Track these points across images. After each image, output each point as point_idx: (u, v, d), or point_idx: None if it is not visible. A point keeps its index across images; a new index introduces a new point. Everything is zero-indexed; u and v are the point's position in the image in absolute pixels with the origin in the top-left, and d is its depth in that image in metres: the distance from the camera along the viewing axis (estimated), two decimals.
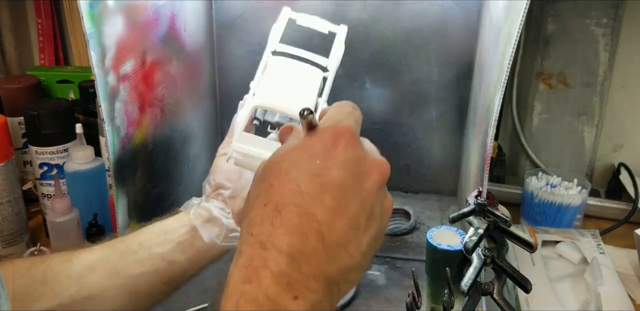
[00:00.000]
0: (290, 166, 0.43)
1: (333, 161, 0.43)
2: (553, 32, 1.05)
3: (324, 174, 0.42)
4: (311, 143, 0.44)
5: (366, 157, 0.45)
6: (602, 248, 0.92)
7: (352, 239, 0.43)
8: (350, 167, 0.43)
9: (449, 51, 0.98)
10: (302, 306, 0.40)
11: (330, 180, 0.42)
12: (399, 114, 1.03)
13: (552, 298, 0.82)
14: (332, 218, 0.41)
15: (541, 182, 1.03)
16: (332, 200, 0.42)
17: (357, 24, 0.98)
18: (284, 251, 0.40)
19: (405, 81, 1.01)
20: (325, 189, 0.42)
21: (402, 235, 0.95)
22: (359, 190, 0.43)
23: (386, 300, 0.80)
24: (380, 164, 0.45)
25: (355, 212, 0.43)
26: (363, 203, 0.43)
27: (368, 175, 0.44)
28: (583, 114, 1.09)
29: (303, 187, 0.42)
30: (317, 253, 0.41)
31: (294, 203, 0.41)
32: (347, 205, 0.42)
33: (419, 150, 1.05)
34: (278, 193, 0.42)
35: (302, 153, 0.44)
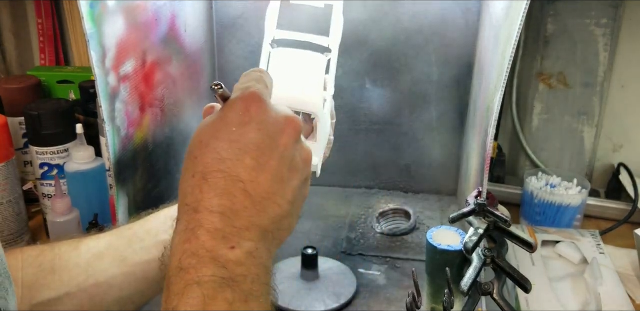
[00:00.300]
0: (209, 137, 0.47)
1: (247, 126, 0.47)
2: (553, 32, 1.05)
3: (240, 139, 0.46)
4: (225, 113, 0.48)
5: (278, 115, 0.49)
6: (601, 248, 0.92)
7: (277, 191, 0.47)
8: (264, 128, 0.47)
9: (448, 51, 0.98)
10: (239, 253, 0.44)
11: (247, 143, 0.46)
12: (399, 114, 1.03)
13: (552, 298, 0.82)
14: (254, 176, 0.46)
15: (541, 182, 1.03)
16: (251, 160, 0.46)
17: (357, 24, 0.98)
18: (215, 211, 0.44)
19: (405, 81, 1.01)
20: (244, 152, 0.46)
21: (402, 235, 0.95)
22: (276, 146, 0.48)
23: (386, 299, 0.80)
24: (292, 120, 0.49)
25: (276, 167, 0.47)
26: (282, 158, 0.48)
27: (282, 132, 0.48)
28: (583, 114, 1.09)
29: (223, 153, 0.46)
30: (246, 208, 0.45)
31: (218, 169, 0.45)
32: (267, 162, 0.47)
33: (419, 150, 1.05)
34: (202, 163, 0.46)
35: (218, 124, 0.48)
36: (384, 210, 1.00)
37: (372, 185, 1.10)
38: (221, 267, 0.43)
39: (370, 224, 0.98)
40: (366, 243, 0.93)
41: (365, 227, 0.98)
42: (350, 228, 0.97)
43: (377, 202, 1.05)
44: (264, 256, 0.46)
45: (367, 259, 0.89)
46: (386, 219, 1.00)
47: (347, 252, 0.90)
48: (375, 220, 0.99)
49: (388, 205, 1.02)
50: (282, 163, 0.48)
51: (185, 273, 0.42)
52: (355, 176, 1.09)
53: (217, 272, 0.42)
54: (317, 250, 0.82)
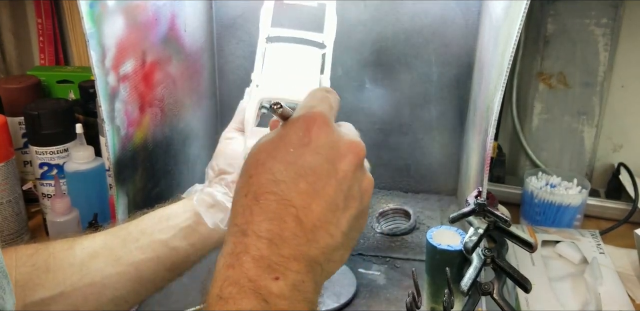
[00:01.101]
0: (266, 157, 0.45)
1: (306, 148, 0.45)
2: (553, 32, 1.05)
3: (297, 161, 0.44)
4: (285, 133, 0.46)
5: (340, 139, 0.46)
6: (601, 248, 0.92)
7: (330, 220, 0.45)
8: (323, 151, 0.45)
9: (448, 51, 0.98)
10: (283, 285, 0.42)
11: (304, 166, 0.44)
12: (399, 114, 1.03)
13: (552, 298, 0.82)
14: (308, 202, 0.44)
15: (541, 182, 1.03)
16: (307, 184, 0.44)
17: (357, 24, 0.98)
18: (263, 237, 0.42)
19: (405, 81, 1.01)
20: (299, 175, 0.44)
21: (402, 235, 0.95)
22: (334, 172, 0.45)
23: (386, 299, 0.80)
24: (356, 146, 0.47)
25: (332, 194, 0.45)
26: (340, 185, 0.45)
27: (343, 157, 0.46)
28: (583, 114, 1.09)
29: (278, 175, 0.44)
30: (296, 236, 0.43)
31: (271, 191, 0.44)
32: (323, 188, 0.44)
33: (419, 150, 1.05)
34: (256, 183, 0.44)
35: (276, 143, 0.46)
36: (384, 210, 1.00)
37: None
38: (262, 300, 0.41)
39: (370, 224, 0.98)
40: (366, 243, 0.93)
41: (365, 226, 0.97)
42: None
43: (377, 202, 1.05)
44: (309, 291, 0.44)
45: (367, 259, 0.89)
46: (386, 219, 1.00)
47: None
48: (375, 220, 0.99)
49: (388, 205, 1.02)
50: (339, 190, 0.45)
51: (224, 303, 0.41)
52: None
53: (257, 306, 0.41)
54: None
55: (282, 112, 0.46)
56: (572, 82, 1.08)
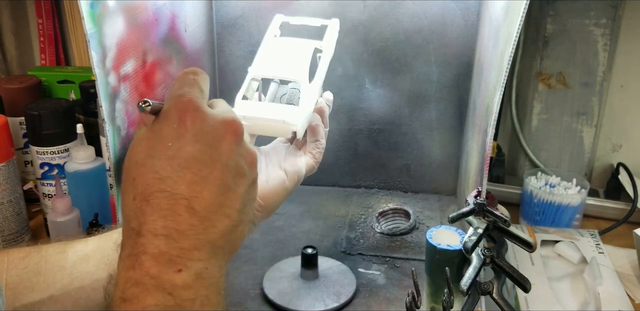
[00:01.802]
0: (144, 156, 0.45)
1: (183, 139, 0.44)
2: (552, 32, 1.05)
3: (178, 154, 0.44)
4: (159, 128, 0.45)
5: (216, 122, 0.46)
6: (601, 248, 0.92)
7: (224, 202, 0.45)
8: (202, 138, 0.45)
9: (448, 51, 0.98)
10: (186, 276, 0.42)
11: (186, 157, 0.44)
12: (399, 114, 1.03)
13: (552, 297, 0.82)
14: (198, 191, 0.44)
15: (540, 182, 1.04)
16: (193, 175, 0.44)
17: (357, 24, 0.98)
18: (160, 234, 0.42)
19: (405, 81, 1.01)
20: (184, 167, 0.44)
21: (402, 235, 0.95)
22: (217, 156, 0.45)
23: (386, 299, 0.80)
24: (232, 123, 0.47)
25: (220, 177, 0.45)
26: (226, 166, 0.45)
27: (222, 139, 0.46)
28: (582, 114, 1.09)
29: (162, 172, 0.43)
30: (193, 226, 0.43)
31: (159, 189, 0.43)
32: (210, 174, 0.44)
33: (418, 150, 1.06)
34: (141, 184, 0.44)
35: (152, 140, 0.45)
36: (383, 210, 1.01)
37: (372, 185, 1.10)
38: (167, 294, 0.41)
39: (370, 224, 0.98)
40: (366, 243, 0.93)
41: (365, 226, 0.98)
42: (350, 228, 0.97)
43: (377, 202, 1.05)
44: (215, 276, 0.44)
45: (367, 259, 0.89)
46: (386, 219, 1.00)
47: (347, 252, 0.91)
48: (375, 219, 0.99)
49: (388, 205, 1.03)
50: (227, 171, 0.45)
51: (128, 304, 0.41)
52: (355, 176, 1.10)
53: (162, 301, 0.41)
54: (317, 250, 0.82)
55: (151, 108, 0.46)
56: (572, 82, 1.08)
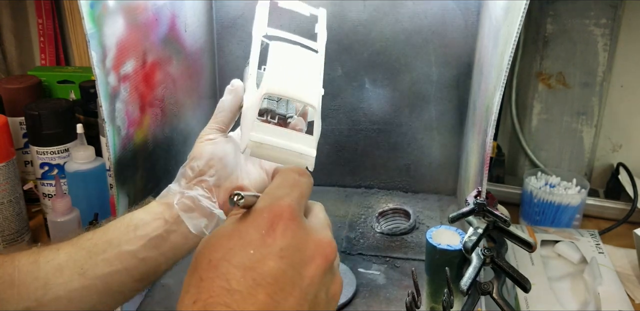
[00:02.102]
0: (220, 257, 0.39)
1: (268, 249, 0.39)
2: (552, 32, 1.05)
3: (257, 267, 0.39)
4: (245, 228, 0.41)
5: (308, 239, 0.41)
6: (601, 248, 0.92)
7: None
8: (289, 255, 0.40)
9: (448, 51, 0.98)
10: None
11: (265, 274, 0.39)
12: (399, 114, 1.03)
13: (552, 297, 0.82)
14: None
15: (540, 182, 1.04)
16: (266, 296, 0.38)
17: (357, 24, 0.98)
18: None
19: (405, 81, 1.01)
20: (258, 284, 0.38)
21: (402, 235, 0.95)
22: (299, 280, 0.40)
23: (386, 299, 0.80)
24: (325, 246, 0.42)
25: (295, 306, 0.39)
26: (304, 295, 0.40)
27: (310, 261, 0.41)
28: (582, 114, 1.09)
29: (234, 283, 0.38)
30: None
31: (224, 302, 0.38)
32: (285, 300, 0.39)
33: (418, 150, 1.06)
34: (207, 290, 0.39)
35: (234, 241, 0.40)
36: (383, 210, 1.01)
37: (372, 184, 1.10)
38: None
39: (370, 224, 0.98)
40: (366, 243, 0.93)
41: (365, 226, 0.98)
42: (350, 228, 0.97)
43: (377, 202, 1.05)
44: None
45: (366, 259, 0.89)
46: (386, 219, 1.00)
47: (347, 252, 0.91)
48: (375, 219, 0.99)
49: (388, 205, 1.03)
50: (304, 301, 0.39)
51: None
52: (355, 176, 1.10)
53: None
54: None
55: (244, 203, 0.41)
56: (572, 82, 1.08)
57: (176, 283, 0.83)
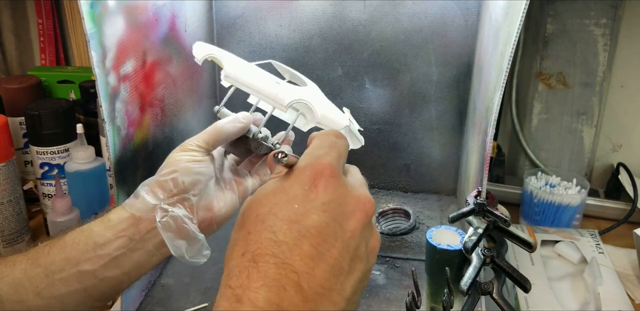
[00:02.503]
0: (267, 212, 0.42)
1: (312, 204, 0.41)
2: (552, 32, 1.05)
3: (301, 220, 0.41)
4: (289, 185, 0.43)
5: (348, 194, 0.43)
6: (601, 248, 0.92)
7: (334, 286, 0.41)
8: (331, 209, 0.42)
9: (448, 51, 0.98)
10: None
11: (309, 226, 0.41)
12: (399, 114, 1.03)
13: (552, 297, 0.82)
14: (311, 267, 0.40)
15: (540, 182, 1.04)
16: (310, 247, 0.40)
17: (357, 24, 0.98)
18: (259, 307, 0.38)
19: (404, 81, 1.01)
20: (303, 236, 0.40)
21: (402, 235, 0.95)
22: (341, 232, 0.42)
23: (386, 299, 0.80)
24: (365, 202, 0.44)
25: (337, 257, 0.41)
26: (346, 246, 0.42)
27: (351, 215, 0.43)
28: (582, 114, 1.09)
29: (280, 235, 0.40)
30: (296, 306, 0.39)
31: (271, 253, 0.40)
32: (328, 251, 0.41)
33: (418, 150, 1.06)
34: (255, 242, 0.41)
35: (279, 197, 0.42)
36: (383, 210, 1.01)
37: (372, 184, 1.10)
38: None
39: None
40: None
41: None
42: None
43: (377, 202, 1.05)
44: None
45: None
46: (386, 219, 1.00)
47: None
48: (375, 219, 0.99)
49: (388, 205, 1.03)
50: (346, 252, 0.42)
51: None
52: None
53: None
54: None
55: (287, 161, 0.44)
56: (572, 82, 1.08)
57: (176, 283, 0.83)
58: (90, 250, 0.58)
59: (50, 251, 0.58)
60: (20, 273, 0.57)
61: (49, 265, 0.57)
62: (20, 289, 0.56)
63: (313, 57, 1.00)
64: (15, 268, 0.58)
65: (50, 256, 0.58)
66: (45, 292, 0.57)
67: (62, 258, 0.58)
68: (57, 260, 0.57)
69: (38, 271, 0.57)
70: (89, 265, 0.57)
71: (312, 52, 1.00)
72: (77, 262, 0.57)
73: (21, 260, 0.58)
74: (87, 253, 0.58)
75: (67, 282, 0.57)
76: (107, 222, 0.60)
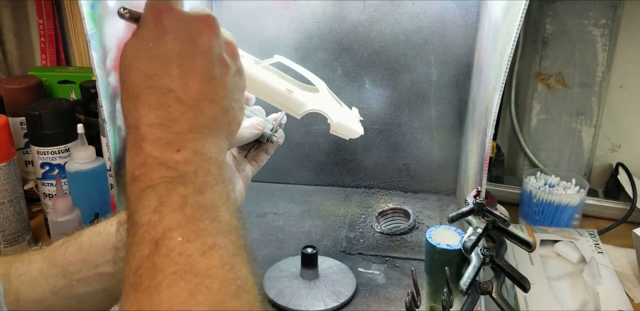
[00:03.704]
0: (131, 59, 0.48)
1: (163, 38, 0.48)
2: (551, 32, 1.06)
3: (159, 53, 0.47)
4: (140, 32, 0.49)
5: (191, 18, 0.49)
6: (600, 248, 0.93)
7: (209, 90, 0.48)
8: (180, 35, 0.48)
9: (448, 51, 0.98)
10: (185, 154, 0.46)
11: (168, 54, 0.47)
12: (399, 114, 1.03)
13: (551, 297, 0.82)
14: (183, 83, 0.47)
15: (539, 182, 1.04)
16: (177, 68, 0.47)
17: (357, 24, 0.98)
18: (154, 124, 0.46)
19: (404, 81, 1.01)
20: (166, 63, 0.47)
21: (402, 235, 0.95)
22: (196, 49, 0.48)
23: (385, 299, 0.81)
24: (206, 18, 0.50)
25: (202, 68, 0.48)
26: (206, 58, 0.49)
27: (200, 33, 0.49)
28: (581, 114, 1.09)
29: (148, 70, 0.47)
30: (184, 113, 0.47)
31: (147, 86, 0.47)
32: (192, 66, 0.48)
33: (418, 150, 1.06)
34: (131, 84, 0.47)
35: (136, 44, 0.48)
36: (383, 210, 1.01)
37: (371, 184, 1.10)
38: (170, 169, 0.45)
39: (369, 224, 0.98)
40: (366, 243, 0.93)
41: (364, 226, 0.98)
42: (350, 227, 0.97)
43: (377, 202, 1.05)
44: (213, 151, 0.48)
45: (366, 258, 0.89)
46: (386, 219, 1.00)
47: (346, 251, 0.91)
48: (374, 219, 0.99)
49: (387, 205, 1.03)
50: (208, 62, 0.49)
51: (138, 182, 0.45)
52: (355, 176, 1.10)
53: (167, 174, 0.44)
54: (316, 250, 0.82)
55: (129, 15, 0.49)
56: (571, 82, 1.08)
57: None
58: (109, 253, 0.58)
59: (67, 252, 0.59)
60: (36, 272, 0.58)
61: (66, 265, 0.58)
62: (37, 288, 0.57)
63: (313, 57, 1.00)
64: (31, 266, 0.58)
65: (67, 256, 0.59)
66: (62, 292, 0.57)
67: (79, 259, 0.58)
68: (75, 261, 0.58)
69: (55, 272, 0.58)
70: (108, 267, 0.58)
71: (312, 52, 1.00)
72: (95, 264, 0.58)
73: (37, 259, 0.59)
74: (106, 256, 0.58)
75: (86, 283, 0.58)
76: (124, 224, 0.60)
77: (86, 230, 0.61)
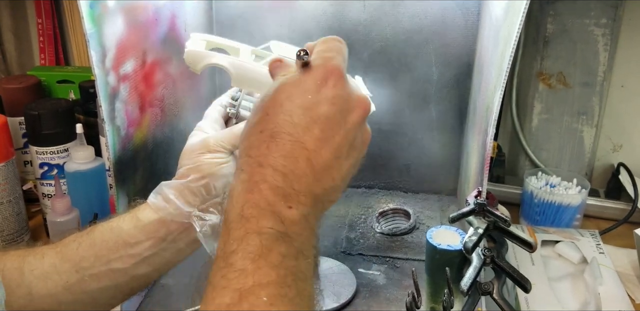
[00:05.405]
0: (284, 98, 0.48)
1: (322, 97, 0.48)
2: (552, 32, 1.05)
3: (314, 108, 0.47)
4: (304, 79, 0.49)
5: (351, 94, 0.50)
6: (601, 248, 0.92)
7: (334, 165, 0.48)
8: (338, 103, 0.48)
9: (448, 51, 0.98)
10: (294, 214, 0.45)
11: (319, 114, 0.47)
12: (399, 114, 1.03)
13: (552, 297, 0.82)
14: (319, 147, 0.47)
15: (541, 182, 1.03)
16: (320, 131, 0.47)
17: (357, 24, 0.98)
18: (279, 170, 0.46)
19: (405, 81, 1.01)
20: (314, 121, 0.47)
21: (402, 235, 0.95)
22: (344, 123, 0.49)
23: (386, 299, 0.80)
24: (363, 100, 0.50)
25: (339, 143, 0.48)
26: (347, 135, 0.49)
27: (352, 111, 0.49)
28: (582, 114, 1.09)
29: (295, 118, 0.47)
30: (306, 175, 0.47)
31: (287, 131, 0.47)
32: (333, 137, 0.48)
33: (419, 150, 1.05)
34: (273, 122, 0.47)
35: (296, 88, 0.48)
36: (383, 210, 1.01)
37: (372, 185, 1.10)
38: (280, 222, 0.44)
39: (370, 224, 0.98)
40: (366, 243, 0.93)
41: (365, 226, 0.98)
42: (350, 228, 0.97)
43: (377, 202, 1.05)
44: (314, 223, 0.48)
45: (367, 259, 0.89)
46: (386, 219, 1.00)
47: (347, 252, 0.91)
48: (375, 220, 0.99)
49: (388, 205, 1.03)
50: (346, 140, 0.49)
51: (246, 222, 0.44)
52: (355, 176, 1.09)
53: (276, 226, 0.44)
54: None
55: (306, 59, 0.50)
56: (572, 82, 1.08)
57: (176, 283, 0.83)
58: (121, 249, 0.60)
59: (79, 247, 0.59)
60: (49, 267, 0.58)
61: (79, 261, 0.59)
62: (49, 283, 0.58)
63: None
64: (44, 261, 0.59)
65: (80, 252, 0.59)
66: (75, 287, 0.58)
67: (91, 254, 0.59)
68: (87, 256, 0.59)
69: (68, 267, 0.58)
70: (120, 263, 0.59)
71: None
72: (107, 260, 0.59)
73: (50, 254, 0.59)
74: (118, 252, 0.59)
75: (99, 279, 0.59)
76: (136, 220, 0.62)
77: (98, 226, 0.62)
